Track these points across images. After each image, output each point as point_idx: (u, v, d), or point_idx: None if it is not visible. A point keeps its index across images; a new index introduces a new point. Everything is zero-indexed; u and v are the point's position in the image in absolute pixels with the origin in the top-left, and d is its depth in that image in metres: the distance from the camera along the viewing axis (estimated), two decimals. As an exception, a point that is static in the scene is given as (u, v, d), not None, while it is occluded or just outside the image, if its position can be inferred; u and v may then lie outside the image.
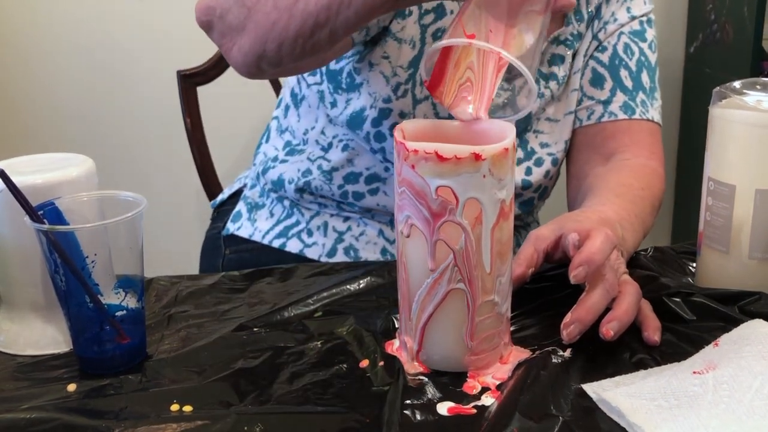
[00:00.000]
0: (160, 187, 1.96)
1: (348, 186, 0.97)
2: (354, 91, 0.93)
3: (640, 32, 1.00)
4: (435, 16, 0.90)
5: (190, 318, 0.74)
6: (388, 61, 0.91)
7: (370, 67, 0.91)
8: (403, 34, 0.90)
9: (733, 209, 0.73)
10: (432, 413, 0.58)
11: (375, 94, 0.92)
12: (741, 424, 0.53)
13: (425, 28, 0.90)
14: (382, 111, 0.92)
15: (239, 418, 0.57)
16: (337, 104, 0.95)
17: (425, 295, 0.61)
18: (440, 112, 0.92)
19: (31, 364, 0.66)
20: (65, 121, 1.93)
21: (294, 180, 0.99)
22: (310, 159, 0.99)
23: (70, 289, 0.62)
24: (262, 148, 1.10)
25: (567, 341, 0.64)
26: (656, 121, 0.99)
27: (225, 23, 0.75)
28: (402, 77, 0.91)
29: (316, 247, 0.98)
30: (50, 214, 0.63)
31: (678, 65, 2.11)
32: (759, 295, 0.71)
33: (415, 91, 0.91)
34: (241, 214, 1.07)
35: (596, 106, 0.98)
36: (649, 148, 0.97)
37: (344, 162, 0.97)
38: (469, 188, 0.58)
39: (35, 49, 1.88)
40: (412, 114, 0.92)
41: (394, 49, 0.90)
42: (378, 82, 0.91)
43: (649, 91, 0.99)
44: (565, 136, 1.00)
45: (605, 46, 0.98)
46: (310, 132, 1.01)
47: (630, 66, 0.98)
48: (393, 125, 0.92)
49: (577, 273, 0.63)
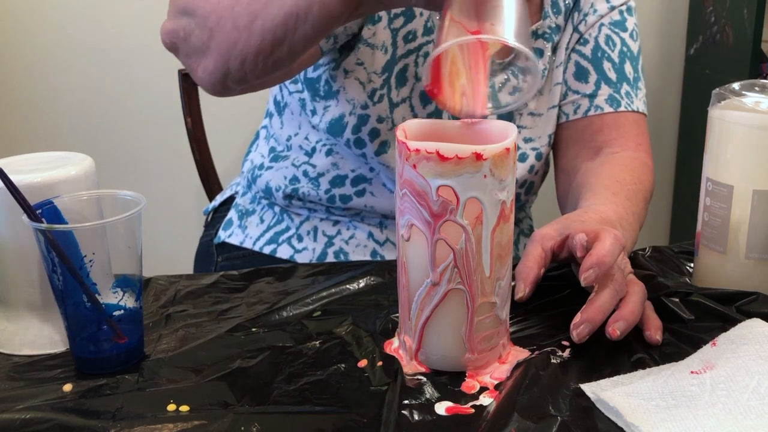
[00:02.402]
0: (159, 187, 1.96)
1: (335, 190, 0.97)
2: (332, 98, 0.94)
3: (620, 22, 1.00)
4: (404, 20, 0.90)
5: (188, 318, 0.74)
6: (362, 68, 0.91)
7: (345, 74, 0.92)
8: (375, 40, 0.90)
9: (731, 210, 0.73)
10: (430, 413, 0.58)
11: (353, 101, 0.92)
12: (737, 423, 0.53)
13: (396, 32, 0.90)
14: (360, 117, 0.92)
15: (237, 418, 0.57)
16: (316, 112, 0.96)
17: (425, 294, 0.61)
18: (418, 114, 0.93)
19: (27, 364, 0.66)
20: (65, 119, 1.93)
21: (281, 187, 1.00)
22: (294, 165, 1.00)
23: (67, 289, 0.62)
24: (250, 155, 1.10)
25: (578, 341, 0.64)
26: (641, 111, 1.00)
27: (189, 45, 0.76)
28: (377, 83, 0.91)
29: (306, 252, 0.99)
30: (49, 213, 0.63)
31: (678, 67, 2.12)
32: (756, 295, 0.71)
33: (391, 95, 0.92)
34: (232, 221, 1.07)
35: (582, 100, 0.98)
36: (636, 139, 0.98)
37: (329, 166, 0.97)
38: (469, 188, 0.58)
39: (35, 47, 1.88)
40: (390, 118, 0.92)
41: (367, 55, 0.90)
42: (354, 89, 0.92)
43: (633, 81, 0.99)
44: (548, 130, 1.00)
45: (587, 39, 0.99)
46: (293, 138, 1.01)
47: (613, 58, 0.98)
48: (372, 130, 0.93)
49: (588, 275, 0.63)
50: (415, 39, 0.91)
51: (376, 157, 0.94)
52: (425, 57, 0.92)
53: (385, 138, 0.93)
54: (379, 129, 0.93)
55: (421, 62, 0.92)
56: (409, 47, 0.91)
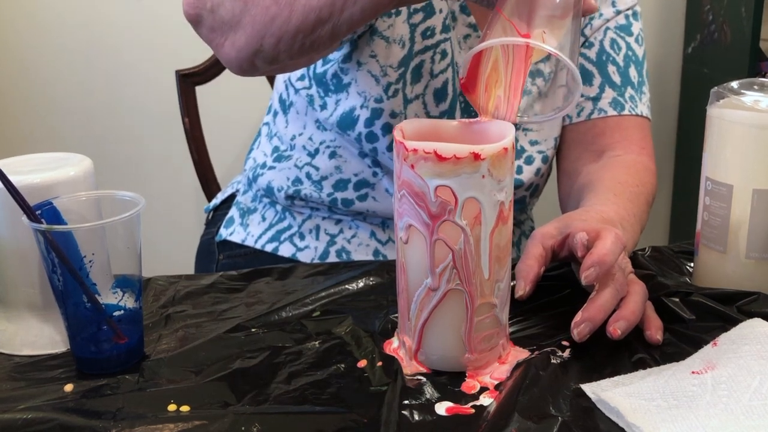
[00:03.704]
0: (158, 187, 1.96)
1: (337, 193, 0.97)
2: (342, 91, 0.93)
3: (626, 26, 1.00)
4: (424, 15, 0.90)
5: (187, 318, 0.73)
6: (375, 60, 0.90)
7: (358, 66, 0.91)
8: (392, 33, 0.89)
9: (731, 209, 0.73)
10: (430, 413, 0.58)
11: (365, 94, 0.91)
12: (739, 424, 0.53)
13: (414, 27, 0.90)
14: (374, 111, 0.91)
15: (237, 418, 0.57)
16: (327, 106, 0.95)
17: (424, 295, 0.61)
18: (431, 111, 0.93)
19: (27, 365, 0.66)
20: (63, 120, 1.92)
21: (283, 188, 0.99)
22: (297, 166, 0.99)
23: (67, 289, 0.62)
24: (253, 153, 1.10)
25: (578, 340, 0.64)
26: (645, 116, 0.99)
27: (216, 17, 0.72)
28: (392, 77, 0.90)
29: (308, 251, 0.98)
30: (48, 213, 0.63)
31: (676, 65, 2.12)
32: (757, 295, 0.71)
33: (406, 91, 0.91)
34: (234, 219, 1.07)
35: (585, 102, 0.98)
36: (639, 143, 0.98)
37: (332, 169, 0.97)
38: (468, 188, 0.58)
39: (33, 48, 1.88)
40: (403, 114, 0.92)
41: (381, 48, 0.89)
42: (367, 82, 0.91)
43: (638, 86, 0.99)
44: (554, 133, 1.00)
45: (592, 42, 0.99)
46: (298, 138, 1.01)
47: (617, 61, 0.98)
48: (384, 125, 0.92)
49: (589, 274, 0.63)
50: (434, 35, 0.90)
51: (388, 153, 0.93)
52: (442, 54, 0.91)
53: None
54: (392, 124, 0.92)
55: (437, 59, 0.91)
56: (426, 43, 0.90)
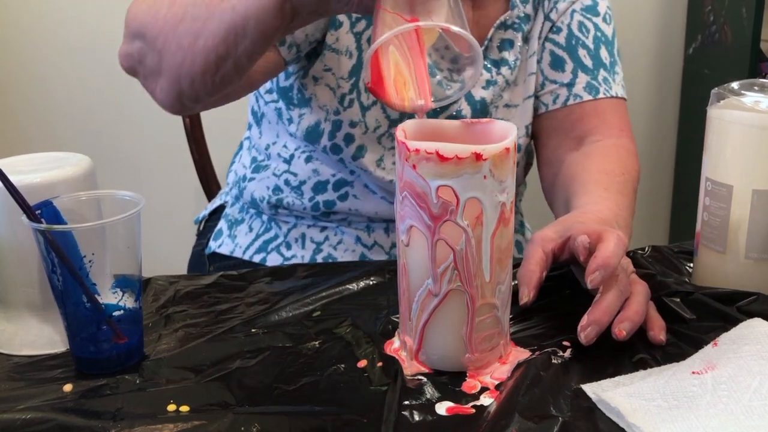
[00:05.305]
0: (158, 187, 1.96)
1: (318, 196, 0.97)
2: (306, 105, 0.94)
3: (591, 7, 0.99)
4: (366, 23, 0.90)
5: (187, 318, 0.73)
6: (331, 73, 0.91)
7: (315, 82, 0.92)
8: (339, 45, 0.90)
9: (731, 209, 0.73)
10: (430, 413, 0.58)
11: (325, 107, 0.92)
12: (739, 424, 0.53)
13: (359, 36, 0.90)
14: (334, 123, 0.92)
15: (236, 419, 0.57)
16: (293, 120, 0.96)
17: (425, 295, 0.61)
18: (391, 115, 0.93)
19: (27, 365, 0.66)
20: (63, 120, 1.92)
21: (265, 198, 1.00)
22: (275, 174, 1.00)
23: (67, 289, 0.62)
24: (234, 166, 1.10)
25: (585, 343, 0.63)
26: (621, 96, 0.99)
27: (145, 67, 0.78)
28: (345, 88, 0.91)
29: (295, 260, 0.99)
30: (48, 213, 0.63)
31: (677, 66, 2.12)
32: (757, 296, 0.71)
33: (361, 99, 0.91)
34: (222, 231, 1.07)
35: (560, 89, 0.98)
36: (618, 125, 0.97)
37: (310, 173, 0.97)
38: (469, 188, 0.58)
39: (33, 47, 1.88)
40: (362, 122, 0.92)
41: (333, 60, 0.90)
42: (325, 95, 0.92)
43: (610, 66, 0.99)
44: (525, 121, 0.99)
45: (559, 27, 0.98)
46: (272, 147, 1.01)
47: (587, 44, 0.98)
48: (346, 136, 0.92)
49: (594, 278, 0.63)
50: None
51: (354, 162, 0.94)
52: None
53: (360, 142, 0.93)
54: (353, 134, 0.92)
55: None
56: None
